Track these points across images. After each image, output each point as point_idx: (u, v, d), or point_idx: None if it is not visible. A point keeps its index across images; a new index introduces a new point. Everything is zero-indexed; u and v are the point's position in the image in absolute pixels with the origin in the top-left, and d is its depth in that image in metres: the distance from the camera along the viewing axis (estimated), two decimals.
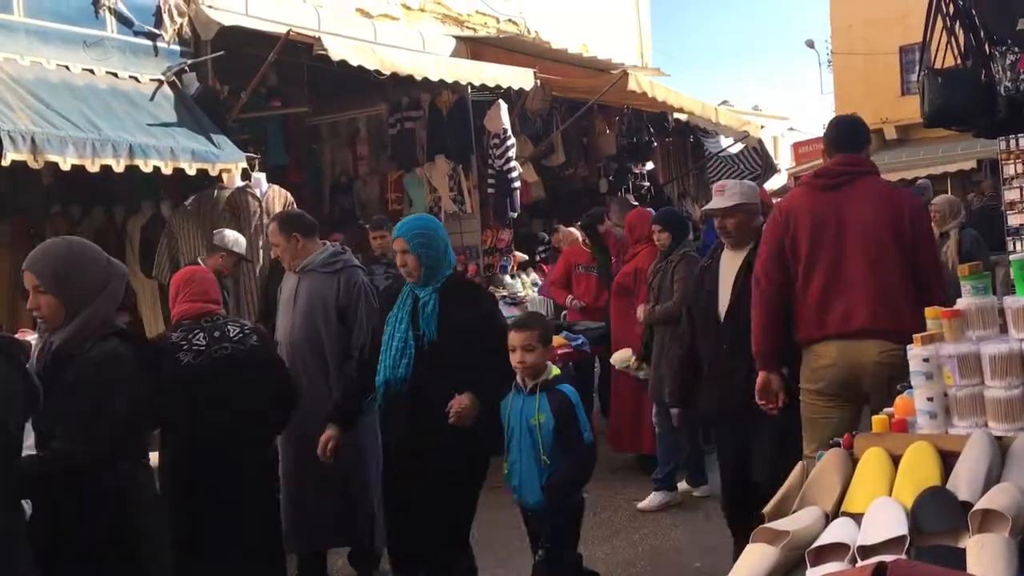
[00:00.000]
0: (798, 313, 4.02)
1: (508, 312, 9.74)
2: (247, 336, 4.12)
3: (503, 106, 10.38)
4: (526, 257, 11.64)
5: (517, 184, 10.46)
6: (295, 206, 8.23)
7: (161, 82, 8.06)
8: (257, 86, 8.81)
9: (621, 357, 6.49)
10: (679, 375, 4.91)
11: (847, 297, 3.91)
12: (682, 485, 6.15)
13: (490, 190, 10.54)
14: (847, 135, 4.25)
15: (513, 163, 10.35)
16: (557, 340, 7.24)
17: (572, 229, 11.19)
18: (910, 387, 2.89)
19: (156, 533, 3.12)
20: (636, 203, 10.53)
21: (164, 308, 8.58)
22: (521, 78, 10.32)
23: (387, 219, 8.19)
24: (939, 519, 2.32)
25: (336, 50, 8.23)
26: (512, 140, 10.46)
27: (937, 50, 7.04)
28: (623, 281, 6.71)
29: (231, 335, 4.05)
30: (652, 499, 5.96)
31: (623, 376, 6.57)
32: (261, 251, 8.09)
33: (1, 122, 6.41)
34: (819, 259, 3.97)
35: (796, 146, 30.07)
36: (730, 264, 4.50)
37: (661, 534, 5.47)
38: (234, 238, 6.99)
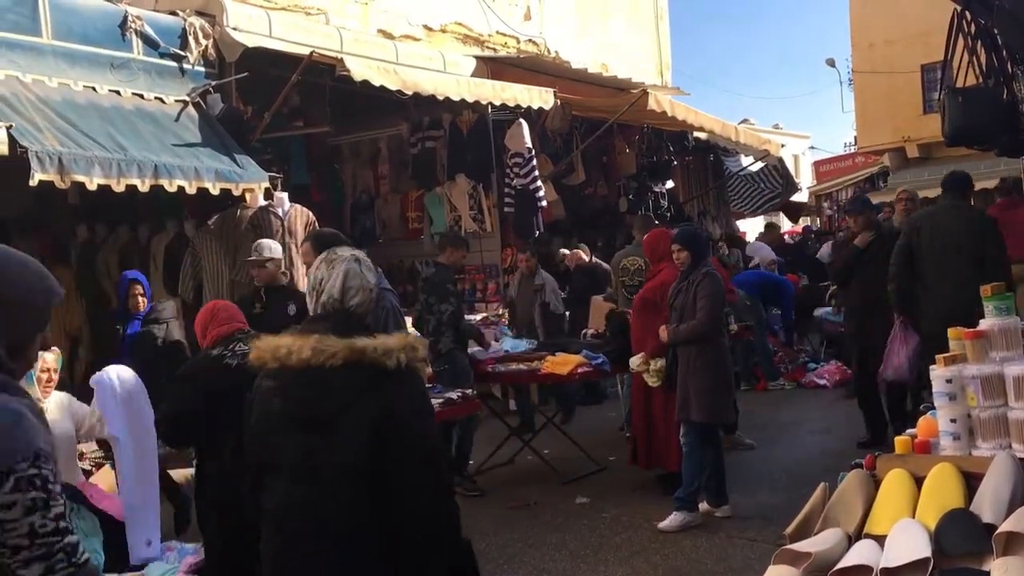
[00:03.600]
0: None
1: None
2: None
3: (525, 125, 10.43)
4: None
5: (544, 203, 10.48)
6: (317, 225, 8.29)
7: (186, 103, 8.16)
8: (280, 106, 8.91)
9: (638, 360, 6.54)
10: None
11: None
12: (703, 506, 6.12)
13: (507, 209, 10.58)
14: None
15: (539, 182, 10.38)
16: (576, 359, 7.24)
17: (579, 250, 11.21)
18: (933, 408, 2.88)
19: None
20: (658, 221, 10.54)
21: (187, 325, 8.65)
22: (541, 98, 10.38)
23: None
24: (963, 541, 2.31)
25: (358, 70, 8.31)
26: (533, 163, 10.49)
27: (959, 69, 7.03)
28: (648, 296, 6.71)
29: None
30: (673, 519, 5.92)
31: (654, 397, 6.57)
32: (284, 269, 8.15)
33: (29, 143, 6.51)
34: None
35: (817, 164, 30.02)
36: None
37: (682, 555, 5.43)
38: (268, 244, 6.85)
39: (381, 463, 2.43)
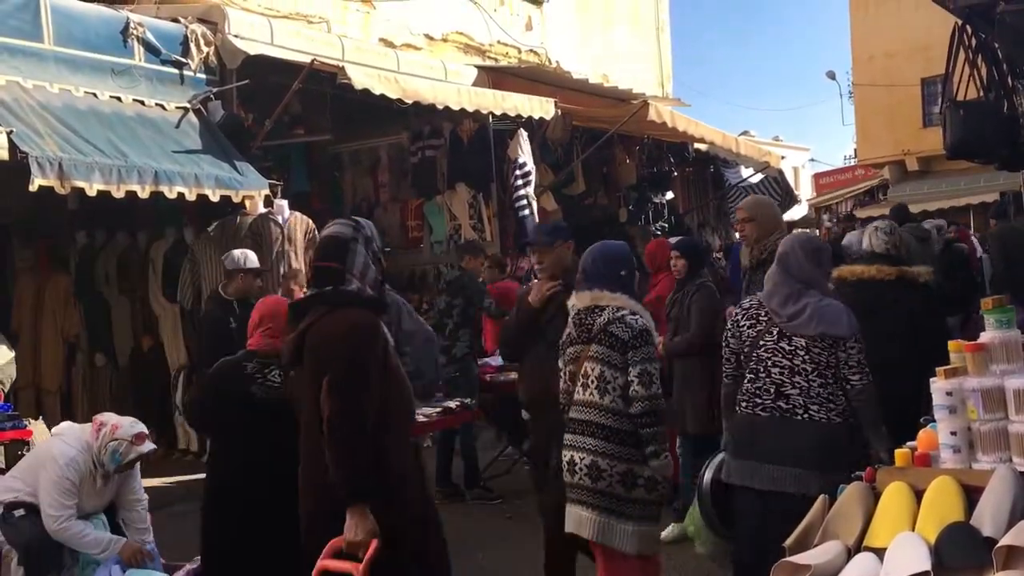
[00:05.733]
0: None
1: None
2: None
3: (522, 136, 10.43)
4: None
5: (525, 213, 10.44)
6: (317, 233, 8.29)
7: (187, 110, 8.16)
8: (281, 114, 8.91)
9: None
10: None
11: None
12: None
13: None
14: None
15: (521, 192, 10.34)
16: None
17: None
18: (933, 420, 2.87)
19: None
20: (659, 233, 10.51)
21: (185, 332, 8.64)
22: (542, 107, 10.39)
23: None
24: (963, 555, 2.29)
25: (359, 79, 8.32)
26: (525, 170, 10.45)
27: (959, 82, 7.05)
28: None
29: None
30: (671, 529, 5.89)
31: None
32: (282, 278, 8.13)
33: (30, 148, 6.51)
34: None
35: (817, 176, 30.04)
36: None
37: (681, 566, 5.41)
38: (242, 255, 6.81)
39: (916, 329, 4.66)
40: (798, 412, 3.66)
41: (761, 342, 3.77)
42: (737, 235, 6.91)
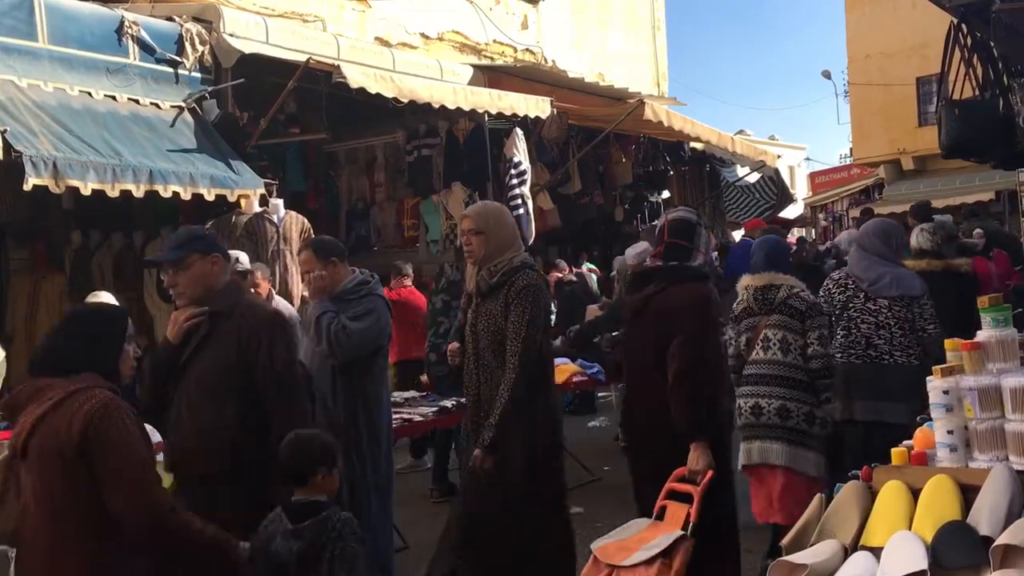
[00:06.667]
0: None
1: None
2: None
3: (519, 134, 10.42)
4: None
5: (519, 212, 10.41)
6: (312, 232, 8.27)
7: (182, 109, 8.14)
8: (276, 113, 8.89)
9: None
10: None
11: None
12: None
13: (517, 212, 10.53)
14: None
15: (516, 191, 10.32)
16: (572, 368, 7.22)
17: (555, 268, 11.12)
18: (930, 419, 2.86)
19: None
20: None
21: None
22: (538, 106, 10.37)
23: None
24: (960, 554, 2.29)
25: (354, 78, 8.30)
26: (520, 169, 10.43)
27: (955, 81, 7.05)
28: None
29: None
30: None
31: None
32: (278, 277, 8.12)
33: (24, 147, 6.48)
34: None
35: (813, 176, 30.08)
36: None
37: None
38: (237, 256, 6.63)
39: (960, 310, 4.99)
40: (885, 358, 4.85)
41: (851, 304, 4.98)
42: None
